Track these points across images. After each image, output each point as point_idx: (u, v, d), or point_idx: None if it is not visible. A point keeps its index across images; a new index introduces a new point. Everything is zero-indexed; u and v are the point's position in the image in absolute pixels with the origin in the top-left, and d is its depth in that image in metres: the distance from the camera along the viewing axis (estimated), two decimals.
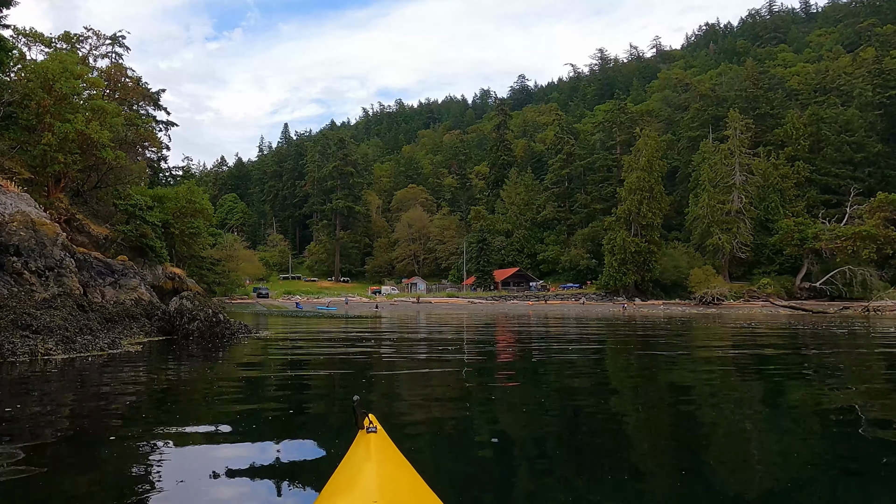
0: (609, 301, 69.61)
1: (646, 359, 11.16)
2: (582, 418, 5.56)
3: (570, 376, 8.53)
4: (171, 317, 11.56)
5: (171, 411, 5.76)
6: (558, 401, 6.42)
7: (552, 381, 8.07)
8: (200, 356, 10.05)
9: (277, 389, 7.19)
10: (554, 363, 10.19)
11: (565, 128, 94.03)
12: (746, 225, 70.84)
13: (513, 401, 6.42)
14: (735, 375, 8.70)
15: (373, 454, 1.98)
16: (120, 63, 51.57)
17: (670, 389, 7.39)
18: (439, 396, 6.67)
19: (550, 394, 6.89)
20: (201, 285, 56.95)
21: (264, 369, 9.04)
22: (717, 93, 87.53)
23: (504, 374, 9.07)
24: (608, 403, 6.40)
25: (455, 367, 9.40)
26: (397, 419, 5.21)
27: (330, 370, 9.03)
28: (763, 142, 77.22)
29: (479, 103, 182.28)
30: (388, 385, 7.36)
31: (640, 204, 70.81)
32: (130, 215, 30.01)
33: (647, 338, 17.18)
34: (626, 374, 9.27)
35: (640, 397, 6.76)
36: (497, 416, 5.68)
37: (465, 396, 6.61)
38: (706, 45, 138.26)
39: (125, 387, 6.82)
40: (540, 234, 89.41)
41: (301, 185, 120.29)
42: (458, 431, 4.94)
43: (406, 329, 22.06)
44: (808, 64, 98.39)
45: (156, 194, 42.46)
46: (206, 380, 7.82)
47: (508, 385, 7.61)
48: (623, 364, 10.69)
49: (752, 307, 61.66)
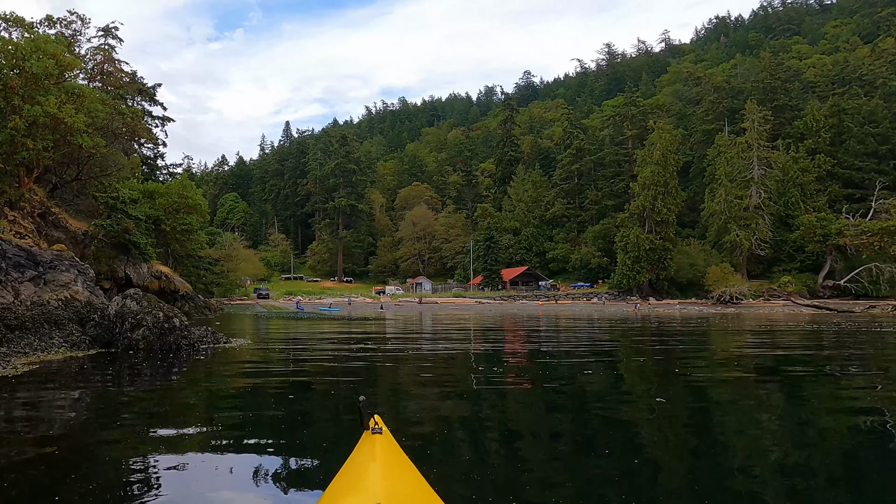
0: (622, 301, 66.86)
1: (665, 365, 9.82)
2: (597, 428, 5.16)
3: (590, 388, 7.52)
4: (110, 322, 8.85)
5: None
6: (570, 407, 6.03)
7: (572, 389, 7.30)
8: (132, 380, 7.33)
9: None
10: (586, 381, 8.21)
11: (574, 122, 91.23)
12: (765, 221, 67.98)
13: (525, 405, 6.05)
14: (763, 385, 7.80)
15: (378, 455, 1.95)
16: (105, 48, 49.00)
17: (692, 405, 6.49)
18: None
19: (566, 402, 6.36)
20: (198, 286, 54.52)
21: (211, 409, 6.01)
22: (733, 84, 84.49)
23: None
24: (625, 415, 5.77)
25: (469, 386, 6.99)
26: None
27: (323, 416, 5.81)
28: (781, 134, 74.28)
29: (483, 100, 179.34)
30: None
31: (655, 199, 67.97)
32: (112, 209, 27.44)
33: (666, 340, 15.72)
34: (646, 386, 8.08)
35: (656, 408, 6.07)
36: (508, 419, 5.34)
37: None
38: (716, 38, 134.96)
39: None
40: (549, 232, 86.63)
41: (303, 183, 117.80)
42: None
43: (415, 333, 19.44)
44: (824, 56, 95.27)
45: (146, 189, 40.01)
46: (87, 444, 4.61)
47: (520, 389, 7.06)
48: (640, 372, 9.44)
49: (772, 306, 59.14)
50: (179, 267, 50.57)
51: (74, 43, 38.25)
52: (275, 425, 5.06)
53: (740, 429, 5.10)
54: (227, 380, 7.11)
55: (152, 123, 63.04)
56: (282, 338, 16.09)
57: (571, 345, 13.16)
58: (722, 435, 4.92)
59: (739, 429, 5.10)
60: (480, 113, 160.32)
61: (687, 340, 15.55)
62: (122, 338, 8.65)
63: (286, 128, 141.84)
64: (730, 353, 12.33)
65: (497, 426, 5.16)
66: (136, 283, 29.00)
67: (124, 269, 28.33)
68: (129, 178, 39.03)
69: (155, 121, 63.60)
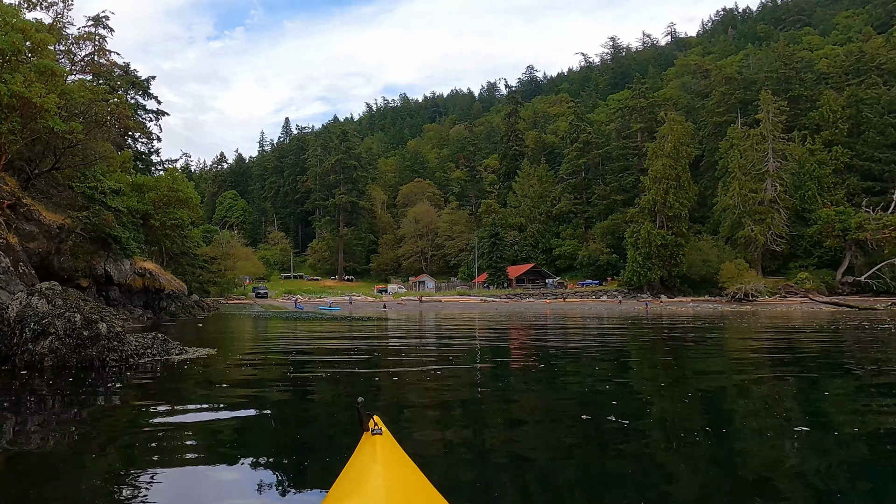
0: (633, 299, 64.54)
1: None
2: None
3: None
4: (10, 329, 6.34)
5: None
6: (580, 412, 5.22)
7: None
8: (17, 422, 4.65)
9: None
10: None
11: (581, 115, 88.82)
12: (781, 215, 65.65)
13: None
14: (781, 388, 6.89)
15: (379, 456, 1.92)
16: (94, 36, 46.81)
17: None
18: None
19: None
20: (193, 285, 52.29)
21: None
22: (745, 75, 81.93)
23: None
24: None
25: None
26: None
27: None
28: (797, 126, 71.75)
29: (486, 96, 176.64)
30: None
31: (667, 193, 65.62)
32: (90, 199, 25.11)
33: (680, 340, 14.82)
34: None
35: (673, 421, 5.04)
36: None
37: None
38: (724, 30, 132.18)
39: None
40: (555, 228, 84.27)
41: (303, 180, 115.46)
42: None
43: (421, 335, 17.15)
44: (836, 46, 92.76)
45: (135, 182, 37.79)
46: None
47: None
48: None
49: (789, 304, 57.12)
50: (173, 265, 48.43)
51: (56, 27, 35.83)
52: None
53: (756, 431, 4.71)
54: (130, 436, 4.45)
55: (146, 117, 61.07)
56: (265, 345, 13.31)
57: (594, 351, 11.68)
58: (738, 441, 4.43)
59: (755, 431, 4.71)
60: (483, 109, 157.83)
61: (701, 339, 14.83)
62: (21, 351, 6.23)
63: (286, 124, 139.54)
64: (745, 354, 11.77)
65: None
66: (116, 281, 26.70)
67: (104, 265, 26.02)
68: (115, 170, 36.84)
69: (149, 114, 61.58)
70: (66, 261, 25.84)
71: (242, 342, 14.25)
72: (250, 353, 11.08)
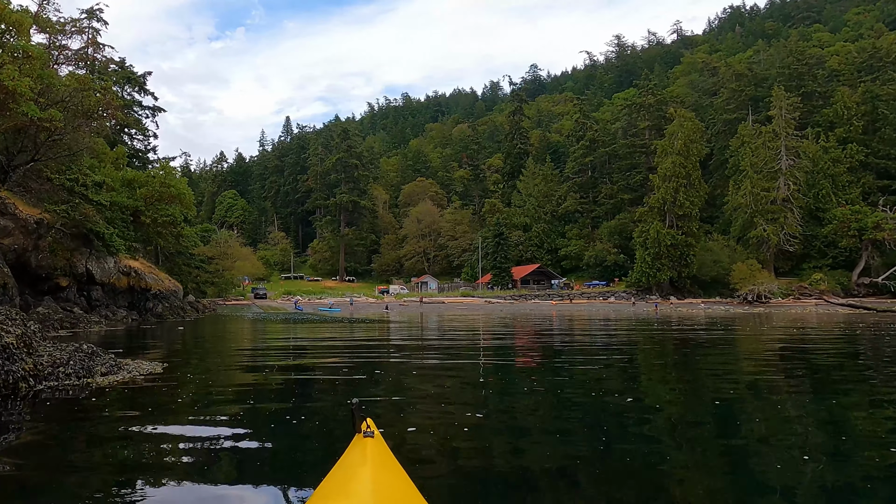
0: (643, 300, 62.67)
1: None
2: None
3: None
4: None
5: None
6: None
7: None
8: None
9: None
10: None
11: (586, 113, 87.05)
12: (794, 214, 63.78)
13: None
14: (797, 393, 6.41)
15: (368, 459, 1.90)
16: (84, 26, 45.27)
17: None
18: None
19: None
20: (189, 285, 50.56)
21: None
22: (756, 71, 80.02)
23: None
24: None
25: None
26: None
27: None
28: (810, 123, 69.89)
29: (489, 95, 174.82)
30: None
31: (677, 192, 63.77)
32: (69, 192, 23.39)
33: (698, 343, 14.14)
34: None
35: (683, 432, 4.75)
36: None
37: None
38: (731, 28, 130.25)
39: None
40: (561, 228, 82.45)
41: (303, 179, 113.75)
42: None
43: (430, 342, 15.41)
44: (848, 43, 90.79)
45: (125, 177, 36.09)
46: None
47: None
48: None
49: (804, 305, 55.34)
50: (168, 264, 46.72)
51: (42, 14, 34.21)
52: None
53: (771, 440, 4.43)
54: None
55: (142, 114, 59.55)
56: (240, 357, 10.65)
57: (618, 361, 10.56)
58: (758, 455, 4.03)
59: (770, 440, 4.43)
60: (486, 108, 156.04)
61: (717, 343, 14.23)
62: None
63: (286, 123, 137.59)
64: (762, 357, 11.26)
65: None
66: (99, 280, 24.97)
67: (86, 263, 24.28)
68: (107, 165, 35.13)
69: (145, 111, 60.03)
70: (45, 258, 24.09)
71: (215, 353, 11.63)
72: (214, 371, 8.33)
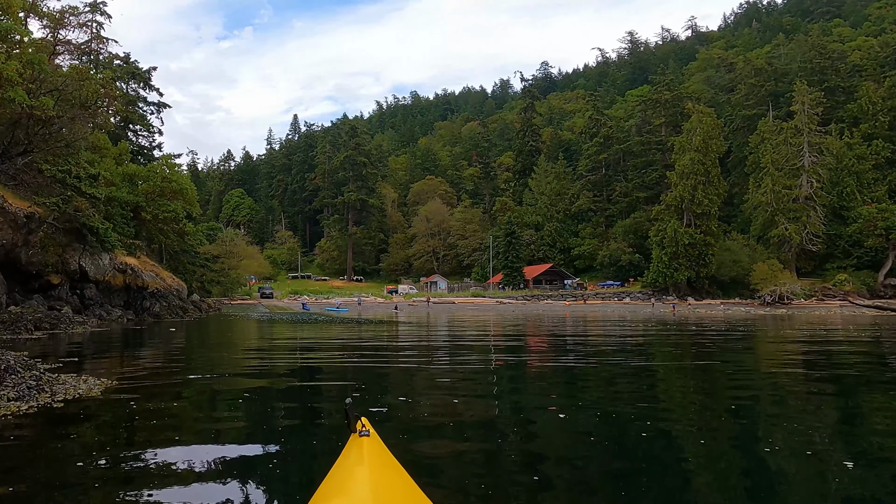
0: (659, 301, 60.69)
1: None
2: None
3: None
4: None
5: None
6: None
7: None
8: None
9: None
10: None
11: (600, 109, 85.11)
12: (817, 212, 61.61)
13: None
14: (827, 403, 6.06)
15: (366, 458, 1.89)
16: (82, 16, 44.04)
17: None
18: None
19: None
20: (195, 284, 49.15)
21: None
22: (776, 66, 77.72)
23: None
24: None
25: None
26: None
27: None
28: (833, 118, 67.58)
29: (499, 93, 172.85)
30: None
31: (695, 189, 61.77)
32: (62, 184, 21.97)
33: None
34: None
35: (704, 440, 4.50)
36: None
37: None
38: (748, 24, 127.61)
39: None
40: (574, 227, 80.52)
41: (311, 178, 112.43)
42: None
43: (440, 345, 13.77)
44: (870, 38, 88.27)
45: (125, 172, 34.78)
46: None
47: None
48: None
49: (828, 307, 53.20)
50: (173, 263, 45.38)
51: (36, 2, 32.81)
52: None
53: (795, 451, 4.12)
54: None
55: (147, 110, 58.43)
56: (220, 370, 8.45)
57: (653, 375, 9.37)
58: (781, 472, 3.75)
59: (794, 452, 4.12)
60: (496, 106, 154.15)
61: (743, 349, 13.45)
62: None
63: (294, 121, 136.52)
64: (791, 362, 10.69)
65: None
66: (93, 278, 23.50)
67: (79, 259, 22.83)
68: (109, 159, 33.78)
69: (150, 107, 58.90)
70: (36, 254, 22.67)
71: (191, 368, 8.59)
72: (165, 400, 5.83)
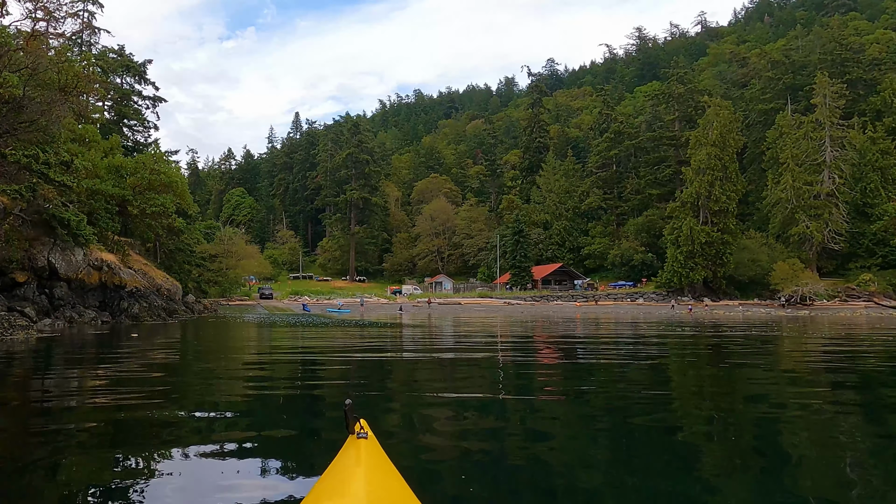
0: (675, 301, 58.06)
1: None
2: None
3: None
4: None
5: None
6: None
7: None
8: None
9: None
10: None
11: (610, 104, 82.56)
12: (840, 210, 58.92)
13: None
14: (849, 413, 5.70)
15: (362, 460, 1.90)
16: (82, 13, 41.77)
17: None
18: None
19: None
20: (190, 284, 46.75)
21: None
22: (793, 59, 75.03)
23: None
24: None
25: None
26: None
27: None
28: (855, 111, 64.87)
29: (504, 91, 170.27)
30: None
31: (712, 186, 59.18)
32: (27, 170, 19.59)
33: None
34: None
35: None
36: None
37: None
38: (759, 18, 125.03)
39: None
40: (584, 226, 77.95)
41: (313, 176, 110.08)
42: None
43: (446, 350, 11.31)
44: (889, 31, 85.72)
45: (111, 164, 32.37)
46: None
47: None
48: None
49: (853, 308, 50.62)
50: (168, 262, 43.09)
51: None
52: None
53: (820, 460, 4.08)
54: None
55: (142, 104, 56.22)
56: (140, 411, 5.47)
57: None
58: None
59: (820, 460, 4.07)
60: (501, 104, 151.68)
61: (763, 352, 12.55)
62: None
63: (295, 119, 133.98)
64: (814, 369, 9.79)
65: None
66: (64, 275, 21.08)
67: (48, 255, 20.43)
68: (97, 151, 31.44)
69: (145, 101, 56.67)
70: (0, 248, 20.30)
71: (95, 394, 6.24)
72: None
